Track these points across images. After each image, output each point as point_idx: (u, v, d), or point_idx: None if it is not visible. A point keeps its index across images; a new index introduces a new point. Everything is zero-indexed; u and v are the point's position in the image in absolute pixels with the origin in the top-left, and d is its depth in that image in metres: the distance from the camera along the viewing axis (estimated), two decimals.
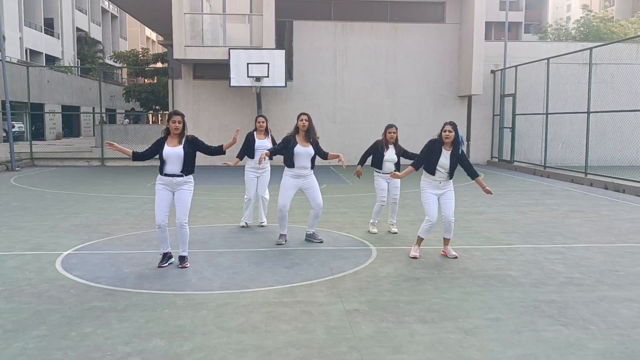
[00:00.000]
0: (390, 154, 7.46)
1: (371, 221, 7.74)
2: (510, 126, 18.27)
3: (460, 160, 6.05)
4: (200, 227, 7.94)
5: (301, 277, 5.44)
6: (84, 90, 40.33)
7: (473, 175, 6.09)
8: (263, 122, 7.90)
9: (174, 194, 5.74)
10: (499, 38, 34.74)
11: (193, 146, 5.78)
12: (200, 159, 18.75)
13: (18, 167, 17.15)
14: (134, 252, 6.41)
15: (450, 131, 5.97)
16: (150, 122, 45.92)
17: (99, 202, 10.25)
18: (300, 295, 4.86)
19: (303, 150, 6.65)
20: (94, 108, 38.98)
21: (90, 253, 6.41)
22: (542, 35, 43.50)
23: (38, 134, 33.84)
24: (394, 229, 7.60)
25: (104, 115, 25.28)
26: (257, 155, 7.80)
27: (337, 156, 6.76)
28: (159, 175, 5.75)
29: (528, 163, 17.31)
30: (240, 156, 7.92)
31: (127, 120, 39.12)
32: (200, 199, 10.65)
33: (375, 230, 7.63)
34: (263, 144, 7.85)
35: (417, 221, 8.08)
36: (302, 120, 6.67)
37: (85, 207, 9.74)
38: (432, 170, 6.07)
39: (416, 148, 8.75)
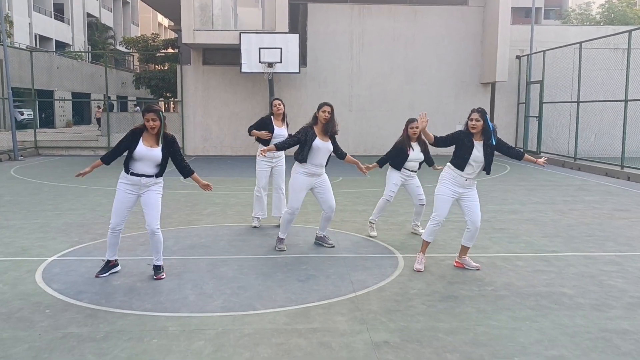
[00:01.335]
0: (415, 154, 6.57)
1: (371, 218, 6.86)
2: (537, 115, 17.22)
3: (498, 148, 5.19)
4: (205, 228, 7.16)
5: (318, 294, 4.62)
6: (95, 77, 39.65)
7: (519, 156, 5.33)
8: (280, 106, 7.18)
9: (139, 197, 4.98)
10: (517, 24, 33.27)
11: (171, 150, 4.96)
12: (210, 147, 18.19)
13: (21, 156, 16.48)
14: (127, 259, 5.65)
15: (477, 120, 5.07)
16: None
17: (97, 197, 9.51)
18: (317, 320, 4.05)
19: (323, 146, 5.79)
20: (104, 95, 38.39)
21: (78, 259, 5.66)
22: (564, 20, 42.01)
23: (48, 121, 33.33)
24: (421, 230, 6.74)
25: (111, 102, 24.61)
26: (274, 143, 7.02)
27: (356, 163, 6.07)
28: (124, 174, 4.96)
29: (556, 154, 16.28)
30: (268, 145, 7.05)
31: (137, 107, 38.46)
32: (207, 193, 9.84)
33: (374, 233, 6.76)
34: (281, 132, 7.14)
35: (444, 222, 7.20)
36: (324, 111, 5.79)
37: (82, 202, 9.00)
38: (462, 166, 5.18)
39: None
